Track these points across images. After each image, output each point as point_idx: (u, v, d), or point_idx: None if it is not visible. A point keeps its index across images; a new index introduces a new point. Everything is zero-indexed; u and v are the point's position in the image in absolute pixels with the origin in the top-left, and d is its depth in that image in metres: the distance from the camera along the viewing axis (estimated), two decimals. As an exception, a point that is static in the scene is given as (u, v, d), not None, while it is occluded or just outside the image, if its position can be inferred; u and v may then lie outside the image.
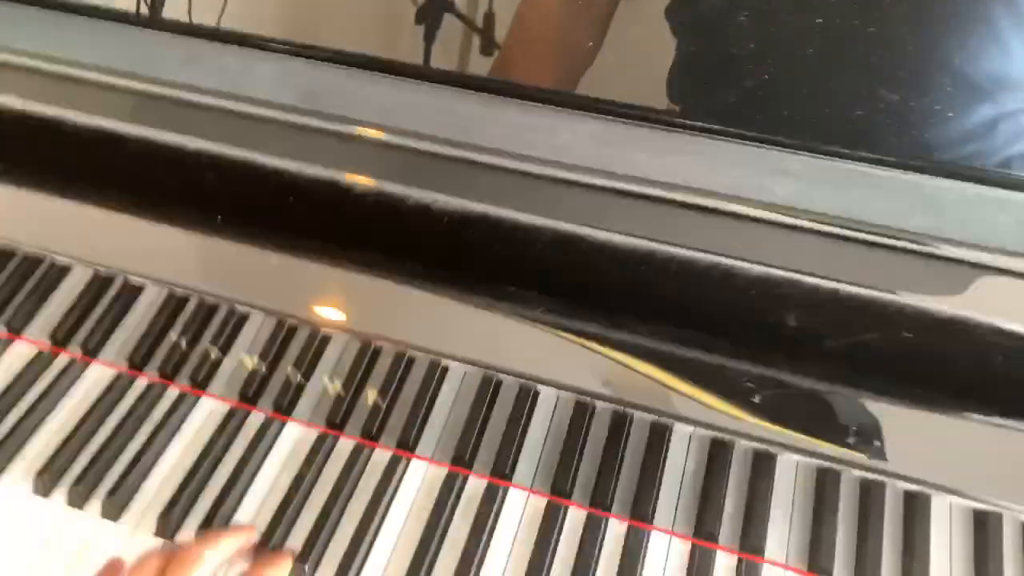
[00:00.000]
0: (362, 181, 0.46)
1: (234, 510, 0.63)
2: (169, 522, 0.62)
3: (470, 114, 0.46)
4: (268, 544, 0.60)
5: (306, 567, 0.59)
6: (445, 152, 0.46)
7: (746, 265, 0.42)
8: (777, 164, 0.44)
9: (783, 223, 0.42)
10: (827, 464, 0.56)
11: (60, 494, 0.64)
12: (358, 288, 0.48)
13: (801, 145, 0.44)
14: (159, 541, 0.62)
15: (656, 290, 0.43)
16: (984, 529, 0.55)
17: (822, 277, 0.41)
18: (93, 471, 0.64)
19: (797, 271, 0.41)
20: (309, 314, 0.49)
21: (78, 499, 0.63)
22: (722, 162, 0.44)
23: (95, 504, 0.63)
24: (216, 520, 0.62)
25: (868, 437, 0.43)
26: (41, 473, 0.64)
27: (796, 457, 0.57)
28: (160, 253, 0.52)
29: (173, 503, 0.62)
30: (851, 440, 0.43)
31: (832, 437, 0.43)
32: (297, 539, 0.61)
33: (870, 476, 0.54)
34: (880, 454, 0.43)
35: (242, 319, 0.65)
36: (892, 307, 0.40)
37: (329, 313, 0.49)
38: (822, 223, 0.42)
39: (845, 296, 0.40)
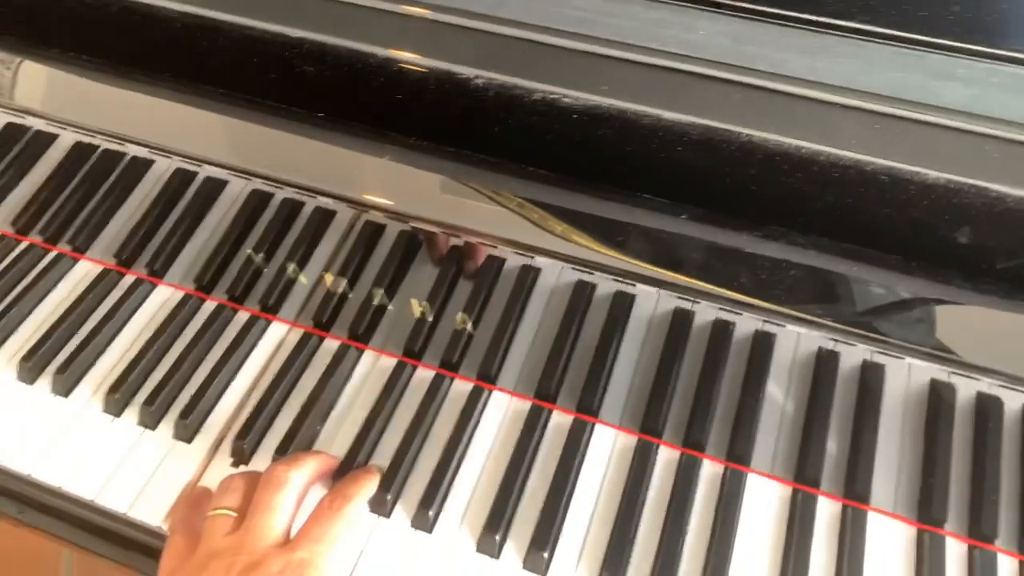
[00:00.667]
0: (479, 74, 0.42)
1: (312, 438, 0.61)
2: (244, 447, 0.59)
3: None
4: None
5: (388, 496, 0.57)
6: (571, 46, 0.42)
7: (919, 171, 0.37)
8: (943, 68, 0.39)
9: (952, 127, 0.38)
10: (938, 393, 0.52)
11: (131, 414, 0.62)
12: (466, 187, 0.44)
13: (970, 49, 0.40)
14: (231, 463, 0.59)
15: (813, 197, 0.39)
16: None
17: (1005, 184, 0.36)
18: (164, 392, 0.62)
19: (972, 178, 0.37)
20: (411, 209, 0.45)
21: (149, 420, 0.61)
22: (880, 65, 0.40)
23: (167, 426, 0.61)
24: (292, 448, 0.59)
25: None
26: (111, 392, 0.62)
27: (905, 388, 0.53)
28: (254, 146, 0.48)
29: (247, 428, 0.60)
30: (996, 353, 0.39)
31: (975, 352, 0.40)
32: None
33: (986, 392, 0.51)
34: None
35: (322, 228, 0.63)
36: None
37: (435, 212, 0.45)
38: (996, 128, 0.38)
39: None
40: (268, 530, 0.49)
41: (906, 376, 0.60)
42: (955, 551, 0.54)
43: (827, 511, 0.56)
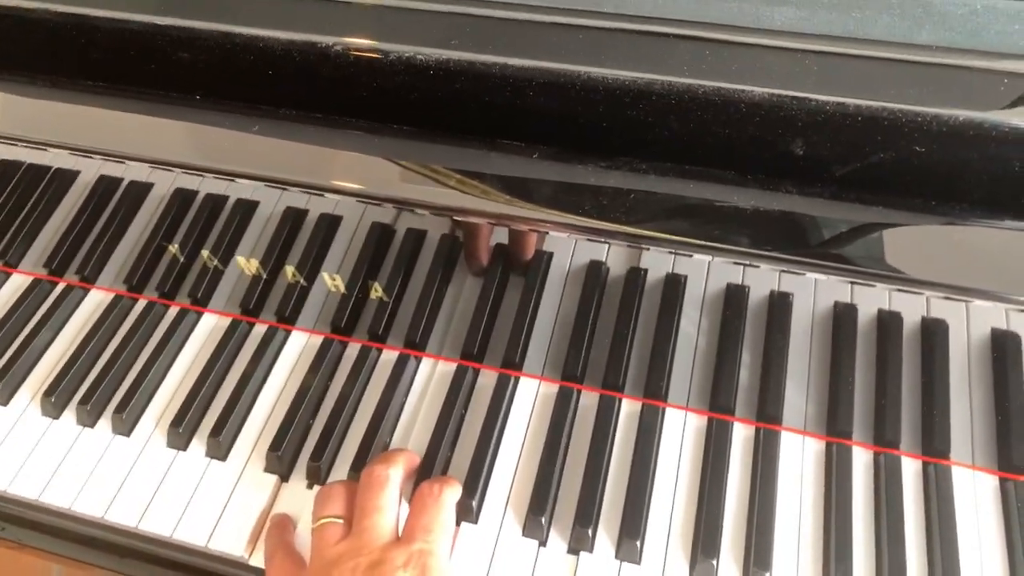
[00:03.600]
0: (336, 42, 0.44)
1: (243, 419, 0.62)
2: (179, 432, 0.61)
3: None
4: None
5: (320, 465, 0.59)
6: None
7: (744, 89, 0.40)
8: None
9: (776, 47, 0.40)
10: (842, 304, 0.55)
11: (70, 415, 0.63)
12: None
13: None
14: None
15: (658, 126, 0.41)
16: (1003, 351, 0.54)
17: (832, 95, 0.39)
18: (99, 392, 0.63)
19: (793, 90, 0.39)
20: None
21: (88, 419, 0.62)
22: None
23: (106, 421, 0.63)
24: (227, 427, 0.61)
25: (883, 252, 0.41)
26: (47, 395, 0.63)
27: (810, 312, 0.56)
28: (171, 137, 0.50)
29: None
30: (866, 258, 0.41)
31: (846, 256, 0.42)
32: (309, 443, 0.61)
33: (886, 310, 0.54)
34: (899, 266, 0.41)
35: (245, 221, 0.65)
36: (906, 120, 0.38)
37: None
38: (820, 43, 0.40)
39: (855, 113, 0.39)
40: (381, 528, 0.50)
41: (811, 302, 0.62)
42: (862, 458, 0.57)
43: (742, 435, 0.59)
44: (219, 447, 0.60)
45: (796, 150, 0.40)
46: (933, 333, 0.60)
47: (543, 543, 0.55)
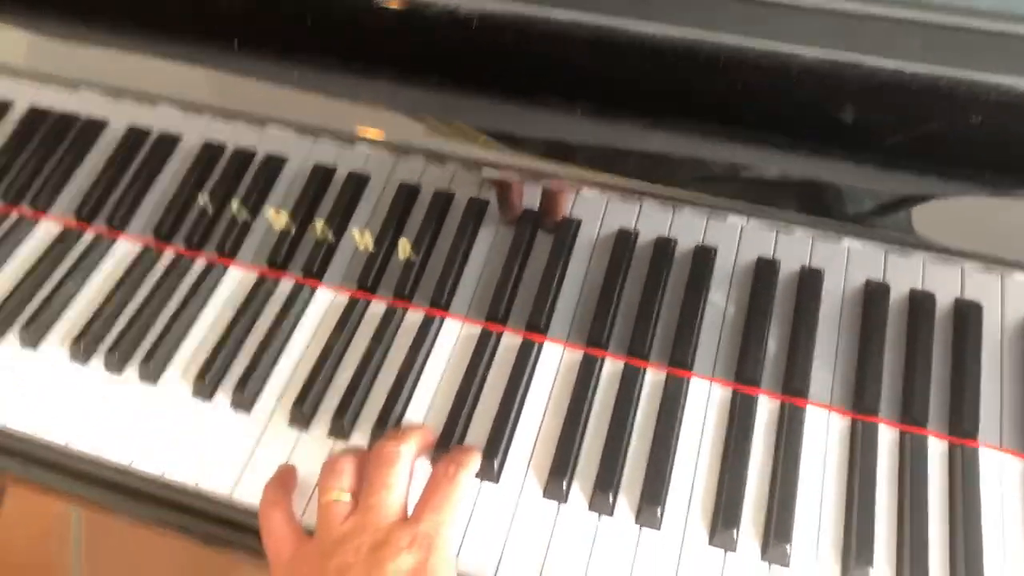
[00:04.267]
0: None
1: (266, 375, 0.63)
2: (205, 384, 0.61)
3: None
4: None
5: (344, 422, 0.59)
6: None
7: (802, 52, 0.39)
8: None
9: (829, 9, 0.39)
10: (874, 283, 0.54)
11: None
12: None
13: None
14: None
15: (704, 86, 0.41)
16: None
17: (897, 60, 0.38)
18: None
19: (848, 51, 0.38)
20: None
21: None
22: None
23: (132, 369, 0.63)
24: (251, 383, 0.61)
25: (928, 221, 0.41)
26: (75, 342, 0.64)
27: (841, 288, 0.55)
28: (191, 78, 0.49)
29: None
30: (914, 223, 0.40)
31: (894, 224, 0.41)
32: (332, 399, 0.61)
33: (919, 291, 0.53)
34: (948, 235, 0.40)
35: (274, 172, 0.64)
36: (964, 88, 0.37)
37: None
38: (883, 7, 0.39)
39: (910, 79, 0.38)
40: (388, 506, 0.50)
41: (841, 278, 0.62)
42: (887, 436, 0.57)
43: (767, 408, 0.59)
44: (244, 399, 0.60)
45: (846, 116, 0.39)
46: (966, 314, 0.59)
47: (563, 503, 0.55)
